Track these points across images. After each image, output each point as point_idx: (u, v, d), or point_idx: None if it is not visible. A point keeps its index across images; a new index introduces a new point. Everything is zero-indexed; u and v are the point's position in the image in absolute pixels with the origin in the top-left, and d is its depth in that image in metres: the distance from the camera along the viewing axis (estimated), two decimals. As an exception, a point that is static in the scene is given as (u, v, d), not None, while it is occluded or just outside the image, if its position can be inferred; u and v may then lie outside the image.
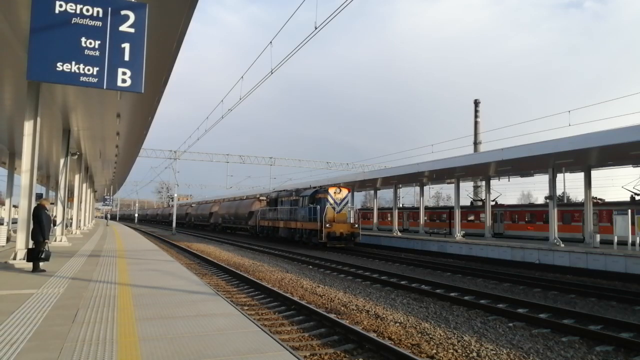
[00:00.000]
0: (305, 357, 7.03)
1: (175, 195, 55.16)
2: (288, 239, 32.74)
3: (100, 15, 7.49)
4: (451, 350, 7.66)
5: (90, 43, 7.41)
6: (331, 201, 28.96)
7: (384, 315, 10.02)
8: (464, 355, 7.45)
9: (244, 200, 49.53)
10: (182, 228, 66.56)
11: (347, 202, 29.78)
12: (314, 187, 33.06)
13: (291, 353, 5.23)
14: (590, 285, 14.71)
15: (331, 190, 29.27)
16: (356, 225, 28.93)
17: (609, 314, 10.50)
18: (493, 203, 34.18)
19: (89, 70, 7.39)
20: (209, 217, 59.35)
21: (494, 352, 7.58)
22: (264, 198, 43.01)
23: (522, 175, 31.23)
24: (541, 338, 8.60)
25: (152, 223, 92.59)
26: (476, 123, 51.28)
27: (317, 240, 27.72)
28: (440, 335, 8.51)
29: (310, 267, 19.38)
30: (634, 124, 16.89)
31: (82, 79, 7.39)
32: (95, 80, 7.47)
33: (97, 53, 7.44)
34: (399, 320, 9.61)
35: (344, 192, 29.83)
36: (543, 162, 22.70)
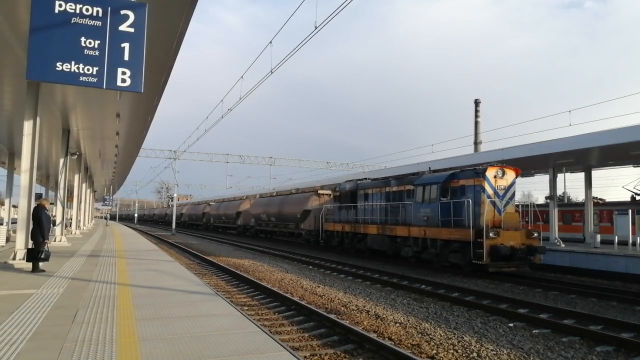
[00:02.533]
0: (305, 357, 7.01)
1: (175, 195, 55.15)
2: (385, 253, 21.35)
3: (100, 14, 7.49)
4: (451, 351, 7.64)
5: (90, 43, 7.41)
6: (489, 191, 16.76)
7: (384, 316, 10.01)
8: (464, 355, 7.44)
9: (292, 196, 36.85)
10: (197, 231, 57.51)
11: (513, 193, 17.63)
12: (445, 169, 20.44)
13: (291, 353, 5.22)
14: (591, 286, 14.69)
15: (490, 173, 16.98)
16: (535, 234, 16.70)
17: (610, 314, 10.48)
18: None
19: (88, 70, 7.39)
20: (235, 217, 47.24)
21: (494, 353, 7.57)
22: (326, 192, 31.99)
23: (523, 175, 31.23)
24: (542, 338, 8.59)
25: (151, 223, 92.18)
26: (476, 123, 51.30)
27: (468, 259, 16.06)
28: (441, 336, 8.50)
29: (310, 267, 19.37)
30: (634, 124, 16.88)
31: (82, 78, 7.39)
32: (95, 80, 7.46)
33: (97, 53, 7.44)
34: (399, 321, 9.59)
35: (510, 174, 17.51)
36: (543, 162, 22.67)
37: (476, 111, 50.78)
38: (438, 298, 12.22)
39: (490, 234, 15.63)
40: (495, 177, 17.17)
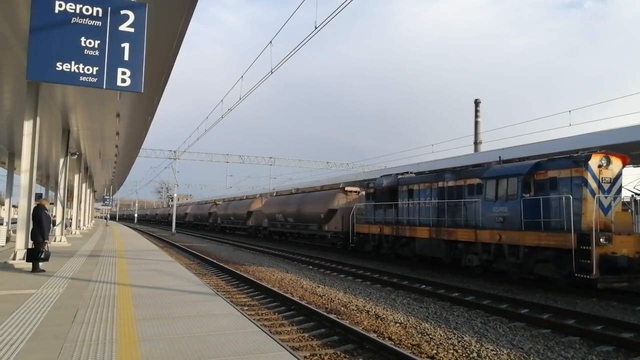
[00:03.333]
0: (305, 357, 7.01)
1: (175, 195, 55.16)
2: (439, 261, 18.02)
3: (100, 14, 7.49)
4: (451, 351, 7.64)
5: (90, 43, 7.41)
6: (592, 184, 13.37)
7: (384, 316, 10.01)
8: (464, 355, 7.44)
9: (314, 194, 32.69)
10: (203, 232, 54.30)
11: (620, 188, 14.18)
12: (519, 159, 17.31)
13: (291, 353, 5.22)
14: (591, 285, 14.66)
15: (594, 161, 13.48)
16: None
17: (610, 314, 10.47)
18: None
19: (88, 70, 7.39)
20: (245, 218, 43.86)
21: (494, 353, 7.57)
22: (354, 189, 28.60)
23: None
24: (542, 338, 8.59)
25: (153, 223, 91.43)
26: (476, 123, 51.25)
27: (567, 272, 12.79)
28: (441, 336, 8.49)
29: (310, 267, 19.37)
30: (634, 124, 16.86)
31: (82, 78, 7.39)
32: (95, 80, 7.47)
33: (97, 53, 7.44)
34: (399, 321, 9.59)
35: (616, 164, 13.99)
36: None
37: (476, 111, 50.74)
38: (438, 298, 12.22)
39: (601, 240, 12.29)
40: (599, 166, 13.54)
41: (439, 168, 25.37)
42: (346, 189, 28.53)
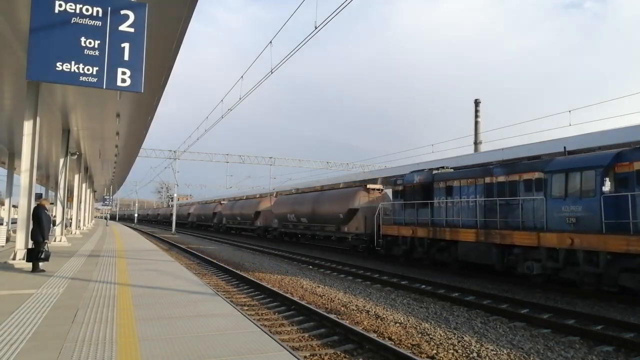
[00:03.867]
0: (305, 357, 7.01)
1: (175, 195, 55.18)
2: (488, 268, 15.97)
3: (100, 15, 7.49)
4: (451, 351, 7.64)
5: (90, 43, 7.41)
6: None
7: (384, 316, 10.01)
8: (464, 355, 7.44)
9: (331, 192, 29.74)
10: (208, 233, 52.20)
11: None
12: (586, 150, 16.65)
13: (291, 353, 5.22)
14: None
15: None
16: None
17: (610, 314, 10.47)
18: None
19: (88, 70, 7.39)
20: (253, 218, 41.16)
21: (494, 353, 7.57)
22: (377, 186, 26.23)
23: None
24: (542, 338, 8.59)
25: (155, 224, 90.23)
26: (476, 123, 51.25)
27: None
28: (441, 336, 8.49)
29: (310, 267, 19.36)
30: (632, 124, 16.86)
31: (82, 78, 7.39)
32: (95, 80, 7.47)
33: (97, 53, 7.44)
34: (399, 321, 9.59)
35: None
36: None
37: (476, 111, 50.74)
38: (438, 298, 12.22)
39: None
40: None
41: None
42: (368, 186, 25.86)
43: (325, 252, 26.40)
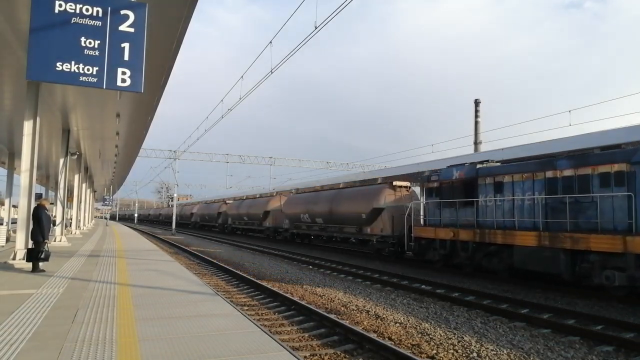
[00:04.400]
0: (305, 357, 7.02)
1: (175, 195, 55.18)
2: (554, 277, 13.80)
3: (100, 14, 7.49)
4: (451, 351, 7.64)
5: (90, 43, 7.41)
6: None
7: (384, 316, 10.01)
8: (464, 355, 7.44)
9: (351, 190, 27.96)
10: (211, 233, 49.75)
11: None
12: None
13: (291, 353, 5.22)
14: (590, 285, 14.64)
15: None
16: None
17: (610, 314, 10.47)
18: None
19: (88, 70, 7.39)
20: (261, 218, 39.07)
21: (495, 353, 7.57)
22: (404, 184, 23.83)
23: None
24: (542, 338, 8.59)
25: (157, 224, 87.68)
26: (476, 123, 51.25)
27: None
28: (441, 336, 8.50)
29: (310, 267, 19.36)
30: (630, 124, 16.86)
31: (82, 78, 7.39)
32: (95, 80, 7.47)
33: (97, 53, 7.44)
34: (399, 321, 9.59)
35: None
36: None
37: (476, 111, 50.74)
38: (438, 298, 12.22)
39: None
40: None
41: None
42: (394, 183, 23.67)
43: (325, 252, 26.33)
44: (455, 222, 17.07)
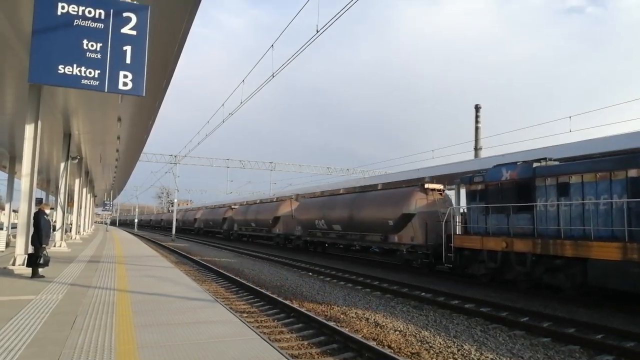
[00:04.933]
0: (304, 365, 6.97)
1: (175, 200, 55.13)
2: (629, 292, 11.35)
3: (102, 17, 7.49)
4: (451, 359, 7.60)
5: (92, 45, 7.41)
6: None
7: (383, 324, 9.96)
8: (464, 364, 7.39)
9: (373, 193, 25.41)
10: (217, 240, 46.62)
11: None
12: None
13: (290, 361, 5.19)
14: (590, 293, 14.55)
15: None
16: None
17: (611, 323, 10.41)
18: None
19: (90, 73, 7.38)
20: (271, 224, 36.53)
21: (495, 362, 7.52)
22: (437, 187, 21.14)
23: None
24: (541, 347, 8.54)
25: (159, 230, 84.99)
26: (477, 128, 51.31)
27: None
28: (440, 344, 8.45)
29: (310, 274, 19.31)
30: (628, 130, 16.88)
31: (84, 81, 7.38)
32: (97, 83, 7.46)
33: (99, 55, 7.44)
34: (399, 329, 9.55)
35: None
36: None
37: (476, 117, 50.83)
38: (438, 306, 12.17)
39: None
40: None
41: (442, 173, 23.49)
42: (427, 186, 20.93)
43: (325, 259, 26.20)
44: (506, 230, 14.95)
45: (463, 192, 17.93)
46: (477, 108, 51.38)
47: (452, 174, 26.02)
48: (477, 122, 51.32)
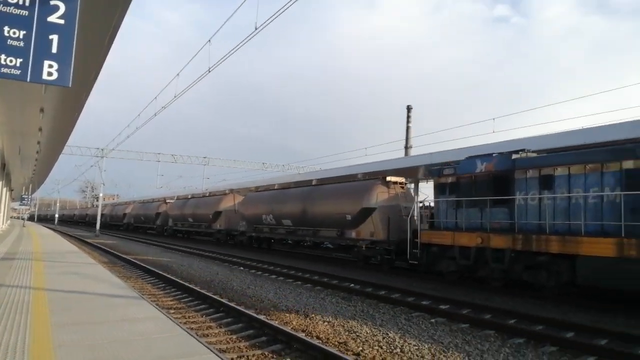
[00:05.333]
0: (232, 359, 6.99)
1: (101, 194, 52.67)
2: (625, 291, 10.93)
3: (27, 4, 7.06)
4: (376, 347, 7.90)
5: (15, 33, 6.97)
6: None
7: (313, 315, 10.15)
8: (388, 351, 7.72)
9: (330, 187, 23.98)
10: (147, 236, 44.37)
11: None
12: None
13: (218, 356, 5.21)
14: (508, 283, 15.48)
15: None
16: None
17: (525, 309, 11.16)
18: (421, 205, 20.29)
19: (11, 61, 6.95)
20: (211, 219, 34.78)
21: (417, 348, 7.91)
22: (399, 180, 20.36)
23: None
24: (460, 333, 9.06)
25: (83, 225, 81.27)
26: (408, 128, 53.08)
27: None
28: (367, 333, 8.75)
29: (241, 268, 19.21)
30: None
31: (3, 70, 6.93)
32: (18, 72, 7.03)
33: (22, 44, 7.01)
34: (328, 320, 9.77)
35: None
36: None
37: (408, 117, 52.55)
38: (366, 296, 12.54)
39: None
40: None
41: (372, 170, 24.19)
42: (388, 179, 19.97)
43: (258, 253, 26.12)
44: (480, 225, 14.24)
45: (425, 185, 17.24)
46: (409, 109, 53.15)
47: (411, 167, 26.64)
48: (408, 122, 53.08)
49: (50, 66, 7.14)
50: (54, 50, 7.15)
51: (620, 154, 11.47)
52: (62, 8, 7.21)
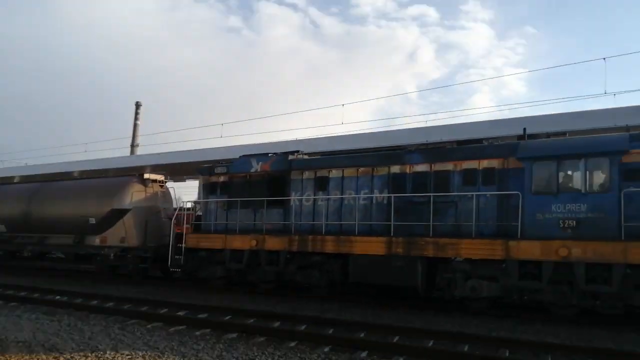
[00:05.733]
0: None
1: None
2: (400, 291, 12.42)
3: None
4: (83, 362, 7.19)
5: None
6: None
7: (4, 337, 8.59)
8: (97, 365, 7.10)
9: (70, 183, 21.02)
10: None
11: None
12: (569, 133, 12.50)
13: None
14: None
15: None
16: None
17: (239, 305, 11.80)
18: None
19: None
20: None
21: (130, 357, 7.52)
22: (159, 177, 18.34)
23: (176, 180, 32.40)
24: (177, 335, 8.99)
25: None
26: (135, 125, 50.65)
27: None
28: (72, 349, 7.89)
29: None
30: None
31: None
32: None
33: None
34: (24, 339, 8.41)
35: None
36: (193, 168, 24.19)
37: (136, 113, 50.11)
38: (74, 308, 11.29)
39: None
40: None
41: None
42: (146, 176, 17.73)
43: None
44: (254, 227, 13.81)
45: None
46: (138, 105, 50.84)
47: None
48: (136, 119, 50.65)
49: None
50: None
51: (390, 158, 12.39)
52: None
